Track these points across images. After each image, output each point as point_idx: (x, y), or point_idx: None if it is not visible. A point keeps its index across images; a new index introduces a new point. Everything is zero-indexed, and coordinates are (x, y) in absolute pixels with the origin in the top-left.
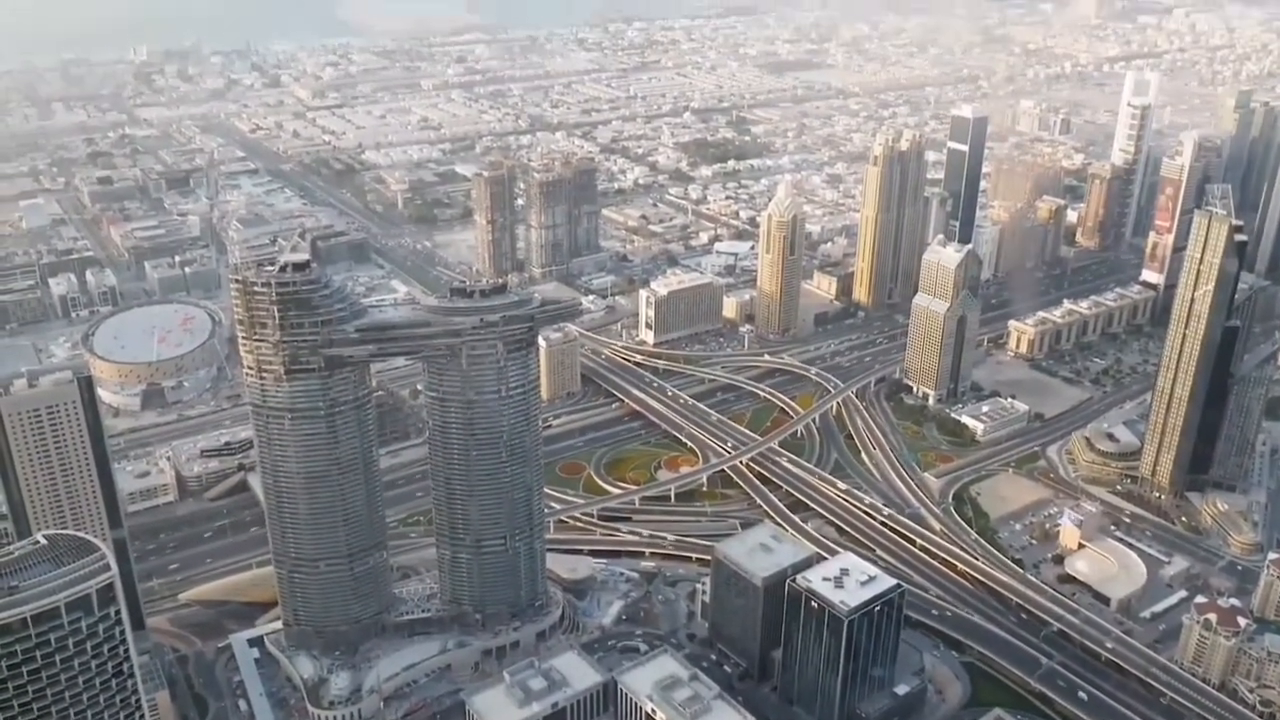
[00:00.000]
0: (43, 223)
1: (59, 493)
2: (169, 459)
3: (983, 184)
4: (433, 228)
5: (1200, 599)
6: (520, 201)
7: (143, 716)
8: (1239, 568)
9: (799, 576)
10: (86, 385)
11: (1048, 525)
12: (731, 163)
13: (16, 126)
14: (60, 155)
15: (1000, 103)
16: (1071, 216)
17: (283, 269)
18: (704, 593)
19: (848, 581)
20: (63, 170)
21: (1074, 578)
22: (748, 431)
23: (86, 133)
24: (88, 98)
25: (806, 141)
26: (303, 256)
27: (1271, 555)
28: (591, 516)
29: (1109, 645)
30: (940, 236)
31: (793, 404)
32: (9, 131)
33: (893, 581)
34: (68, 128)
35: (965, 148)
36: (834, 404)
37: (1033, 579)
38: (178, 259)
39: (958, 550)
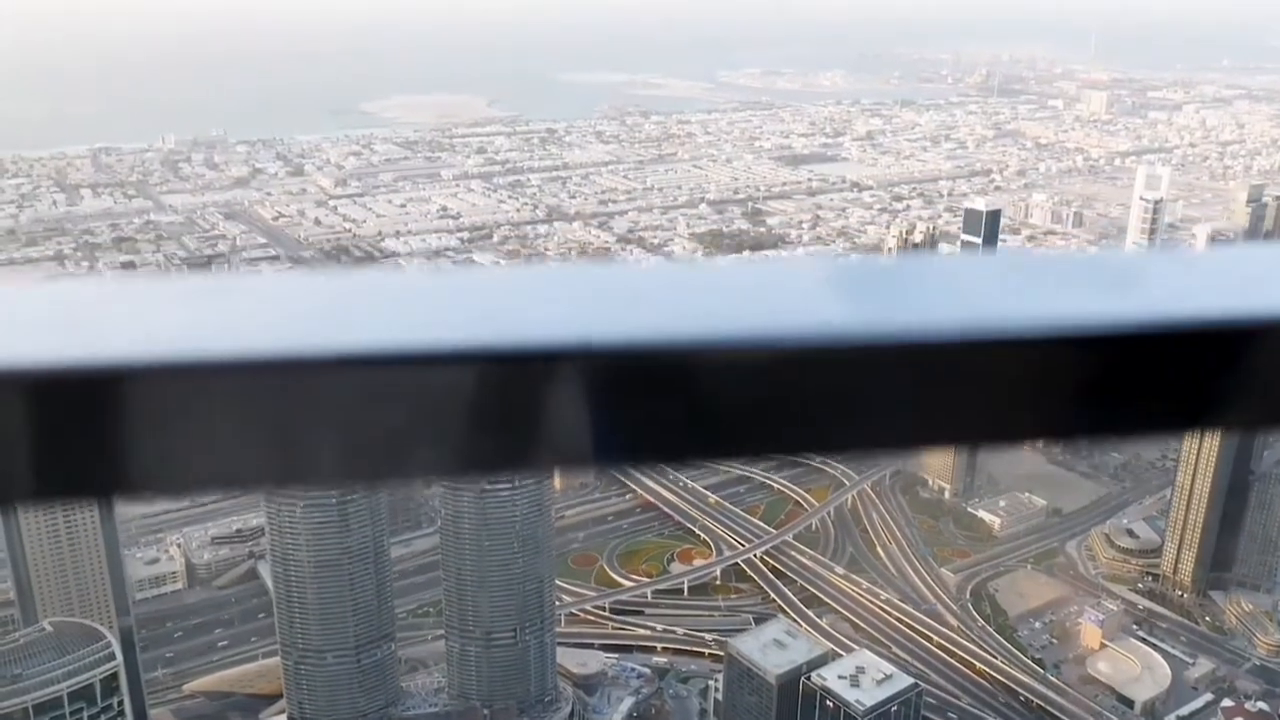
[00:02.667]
0: None
1: (68, 578)
2: (179, 545)
3: None
4: None
5: (1227, 702)
6: None
7: None
8: (1265, 669)
9: (814, 674)
10: None
11: (1068, 624)
12: (747, 253)
13: (44, 211)
14: (85, 240)
15: (1013, 196)
16: None
17: None
18: (717, 690)
19: (863, 680)
20: (87, 254)
21: (1096, 678)
22: (762, 524)
23: (112, 218)
24: (116, 184)
25: (821, 233)
26: None
27: None
28: (603, 609)
29: None
30: None
31: (807, 496)
32: (37, 216)
33: (910, 680)
34: (94, 213)
35: (979, 240)
36: (849, 497)
37: (1054, 679)
38: None
39: (976, 649)
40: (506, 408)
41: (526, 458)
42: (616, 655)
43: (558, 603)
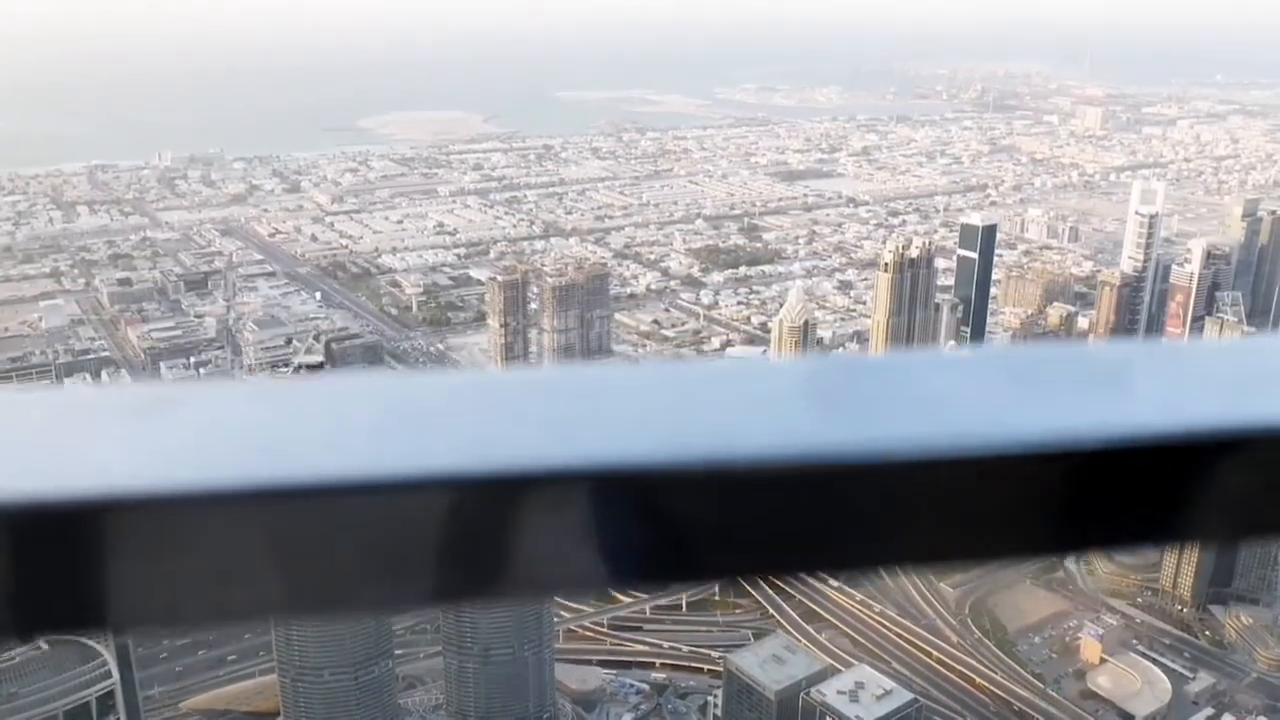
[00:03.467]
0: (61, 323)
1: None
2: None
3: (993, 290)
4: (446, 330)
5: (1228, 717)
6: (533, 305)
7: None
8: (1266, 683)
9: (813, 689)
10: None
11: (1068, 638)
12: (743, 268)
13: (41, 229)
14: (82, 257)
15: (1009, 211)
16: (1082, 323)
17: (296, 370)
18: (716, 706)
19: (863, 695)
20: (83, 271)
21: (1096, 693)
22: None
23: (109, 235)
24: (112, 202)
25: (817, 248)
26: (317, 358)
27: None
28: (601, 625)
29: None
30: (952, 343)
31: None
32: (33, 234)
33: (910, 696)
34: (91, 230)
35: (975, 255)
36: None
37: (1054, 694)
38: (193, 360)
39: (975, 664)
40: (488, 535)
41: (511, 584)
42: (615, 671)
43: (556, 619)
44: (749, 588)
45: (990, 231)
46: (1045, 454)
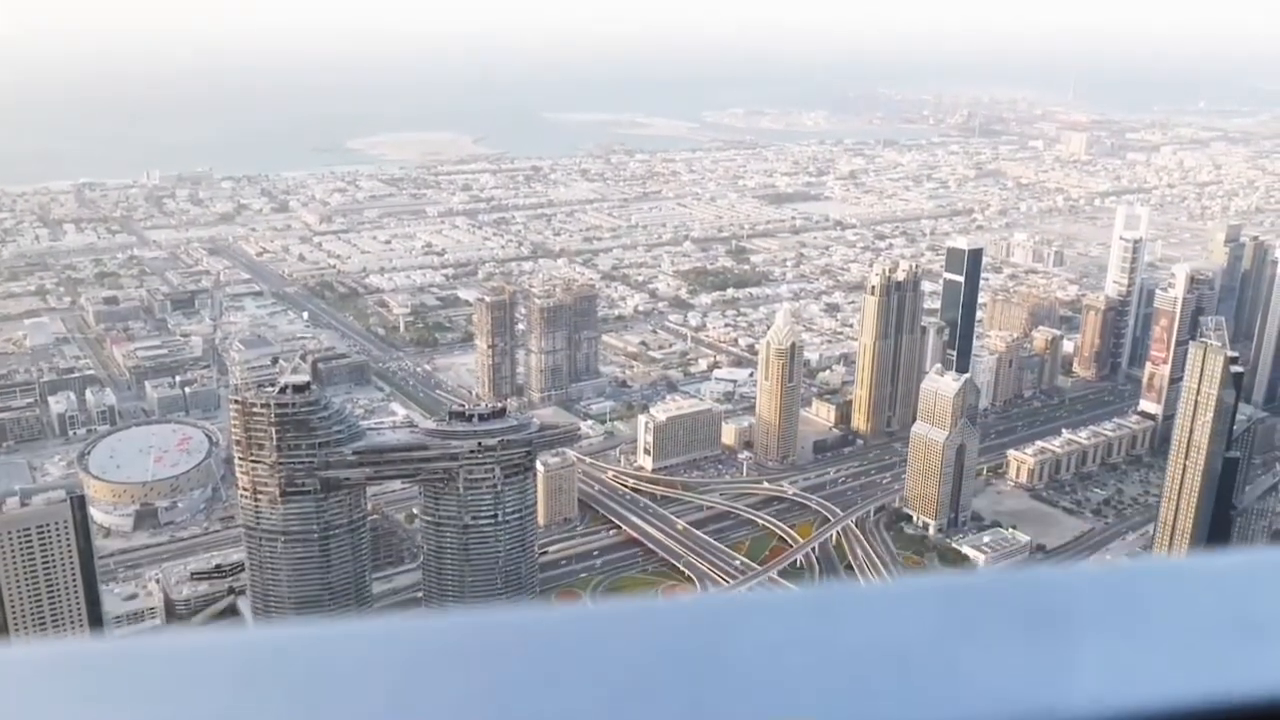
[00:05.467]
0: (46, 341)
1: (44, 615)
2: (158, 581)
3: (979, 314)
4: (434, 351)
5: None
6: (521, 326)
7: None
8: None
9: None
10: (79, 504)
11: None
12: (730, 291)
13: (27, 247)
14: (68, 275)
15: (994, 235)
16: (1067, 347)
17: (282, 390)
18: None
19: None
20: (69, 290)
21: None
22: (746, 560)
23: (95, 253)
24: (99, 220)
25: (805, 271)
26: (303, 378)
27: None
28: None
29: None
30: (938, 365)
31: (791, 532)
32: (19, 251)
33: None
34: (77, 248)
35: (961, 278)
36: (833, 533)
37: None
38: (178, 379)
39: None
40: None
41: None
42: None
43: None
44: None
45: (976, 255)
46: None
